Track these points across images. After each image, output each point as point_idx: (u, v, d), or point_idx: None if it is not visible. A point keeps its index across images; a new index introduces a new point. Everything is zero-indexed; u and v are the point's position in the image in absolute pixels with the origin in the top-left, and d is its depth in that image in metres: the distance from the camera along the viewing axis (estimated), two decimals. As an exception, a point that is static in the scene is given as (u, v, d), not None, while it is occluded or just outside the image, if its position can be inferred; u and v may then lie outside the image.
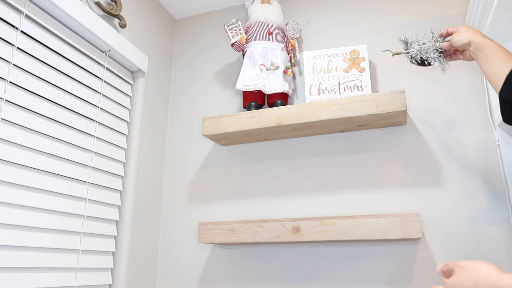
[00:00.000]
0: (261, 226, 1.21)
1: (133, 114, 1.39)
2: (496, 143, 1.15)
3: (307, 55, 1.33)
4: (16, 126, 0.97)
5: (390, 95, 1.14)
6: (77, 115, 1.16)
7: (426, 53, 0.99)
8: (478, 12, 1.10)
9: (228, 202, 1.41)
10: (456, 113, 1.22)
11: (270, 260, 1.30)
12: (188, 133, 1.55)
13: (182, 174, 1.51)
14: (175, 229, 1.45)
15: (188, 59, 1.66)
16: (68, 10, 1.08)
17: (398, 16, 1.38)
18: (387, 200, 1.22)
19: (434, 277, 1.12)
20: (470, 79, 1.24)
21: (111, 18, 1.29)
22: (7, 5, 0.96)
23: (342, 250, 1.23)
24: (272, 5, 1.42)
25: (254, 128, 1.27)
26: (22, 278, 0.94)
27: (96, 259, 1.17)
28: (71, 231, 1.09)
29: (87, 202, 1.15)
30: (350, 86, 1.26)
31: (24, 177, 0.96)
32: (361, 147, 1.30)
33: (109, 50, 1.27)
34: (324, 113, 1.20)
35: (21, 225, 0.95)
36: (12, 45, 0.97)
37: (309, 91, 1.30)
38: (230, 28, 1.38)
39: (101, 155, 1.23)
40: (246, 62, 1.36)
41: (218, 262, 1.36)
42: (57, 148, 1.07)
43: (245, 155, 1.44)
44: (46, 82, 1.06)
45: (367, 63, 1.27)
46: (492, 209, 1.12)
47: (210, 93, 1.57)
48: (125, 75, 1.38)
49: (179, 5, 1.64)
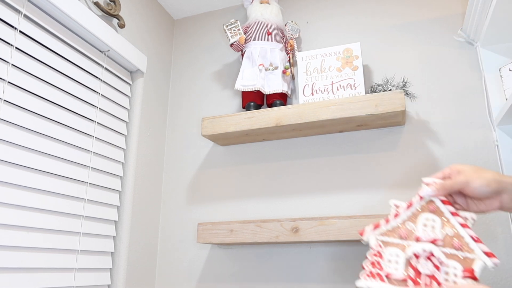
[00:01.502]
0: (260, 226, 1.21)
1: (132, 114, 1.39)
2: (495, 143, 1.15)
3: (300, 56, 1.33)
4: (15, 126, 0.97)
5: (389, 95, 1.14)
6: (76, 115, 1.15)
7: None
8: (477, 13, 1.11)
9: (227, 202, 1.41)
10: (455, 113, 1.23)
11: (269, 260, 1.30)
12: (187, 133, 1.55)
13: (181, 174, 1.51)
14: (174, 229, 1.45)
15: (187, 59, 1.66)
16: (67, 10, 1.08)
17: (397, 17, 1.38)
18: (386, 200, 1.22)
19: (433, 277, 1.12)
20: (469, 79, 1.24)
21: (110, 18, 1.29)
22: (5, 5, 0.96)
23: (341, 250, 1.23)
24: (271, 5, 1.42)
25: (253, 128, 1.27)
26: (21, 278, 0.93)
27: (95, 260, 1.17)
28: (69, 232, 1.09)
29: (86, 202, 1.15)
30: (343, 85, 1.26)
31: (22, 177, 0.96)
32: (360, 147, 1.30)
33: (108, 50, 1.27)
34: (323, 113, 1.20)
35: (20, 225, 0.95)
36: (10, 45, 0.97)
37: (302, 91, 1.30)
38: (229, 28, 1.38)
39: (100, 155, 1.23)
40: (245, 62, 1.36)
41: (217, 262, 1.36)
42: (55, 148, 1.07)
43: (244, 155, 1.44)
44: (45, 82, 1.06)
45: (360, 61, 1.26)
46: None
47: (209, 93, 1.57)
48: (124, 75, 1.38)
49: (178, 5, 1.64)
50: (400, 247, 0.67)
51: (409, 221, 0.69)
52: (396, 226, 0.69)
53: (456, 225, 0.65)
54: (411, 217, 0.69)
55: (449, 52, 1.29)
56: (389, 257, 0.67)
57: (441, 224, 0.66)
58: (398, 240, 0.68)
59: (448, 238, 0.64)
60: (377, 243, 0.69)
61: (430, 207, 0.68)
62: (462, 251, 0.63)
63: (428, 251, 0.64)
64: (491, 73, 1.18)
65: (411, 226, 0.68)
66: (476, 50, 1.25)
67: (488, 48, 1.20)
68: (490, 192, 0.64)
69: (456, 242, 0.63)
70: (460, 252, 0.63)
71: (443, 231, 0.65)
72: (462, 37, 1.26)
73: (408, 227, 0.68)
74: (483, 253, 0.61)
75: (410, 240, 0.67)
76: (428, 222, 0.67)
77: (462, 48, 1.27)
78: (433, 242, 0.65)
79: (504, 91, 1.12)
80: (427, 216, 0.67)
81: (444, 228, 0.65)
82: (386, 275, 0.65)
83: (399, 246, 0.67)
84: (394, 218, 0.70)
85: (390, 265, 0.66)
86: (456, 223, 0.65)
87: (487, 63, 1.19)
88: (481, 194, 0.65)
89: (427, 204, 0.69)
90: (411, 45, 1.34)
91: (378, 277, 0.66)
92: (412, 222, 0.68)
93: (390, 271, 0.65)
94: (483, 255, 0.61)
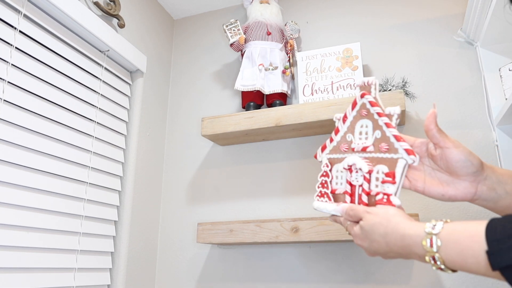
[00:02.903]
0: (260, 226, 1.21)
1: (131, 114, 1.39)
2: (494, 143, 1.15)
3: (300, 56, 1.33)
4: (15, 126, 0.96)
5: (389, 95, 1.14)
6: (75, 115, 1.15)
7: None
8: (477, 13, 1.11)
9: (227, 202, 1.41)
10: (455, 113, 1.23)
11: (269, 260, 1.30)
12: (187, 133, 1.55)
13: (180, 174, 1.51)
14: (173, 229, 1.45)
15: (187, 59, 1.66)
16: (67, 10, 1.08)
17: (397, 17, 1.38)
18: (386, 200, 1.22)
19: (432, 277, 1.12)
20: (468, 79, 1.24)
21: (109, 18, 1.29)
22: (5, 5, 0.96)
23: (340, 250, 1.23)
24: (271, 5, 1.42)
25: (253, 128, 1.27)
26: (20, 278, 0.93)
27: (95, 259, 1.17)
28: (69, 231, 1.09)
29: (86, 202, 1.15)
30: (343, 85, 1.26)
31: (22, 177, 0.96)
32: (360, 147, 1.30)
33: (107, 50, 1.27)
34: (323, 113, 1.20)
35: (19, 225, 0.95)
36: (10, 45, 0.97)
37: (302, 91, 1.30)
38: (229, 28, 1.38)
39: (100, 155, 1.23)
40: (245, 62, 1.36)
41: (217, 262, 1.36)
42: (55, 148, 1.07)
43: (244, 155, 1.44)
44: (45, 82, 1.06)
45: (360, 61, 1.26)
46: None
47: (209, 93, 1.57)
48: (123, 75, 1.38)
49: (178, 5, 1.64)
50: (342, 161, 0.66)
51: (348, 132, 0.68)
52: (340, 141, 0.68)
53: (382, 125, 0.63)
54: (349, 127, 0.68)
55: (449, 52, 1.29)
56: (335, 173, 0.68)
57: (373, 127, 0.65)
58: (341, 155, 0.67)
59: (377, 141, 0.63)
60: (325, 163, 0.69)
61: (362, 111, 0.66)
62: (389, 153, 0.62)
63: (352, 163, 0.64)
64: (491, 73, 1.18)
65: (350, 137, 0.67)
66: (475, 50, 1.25)
67: (488, 48, 1.20)
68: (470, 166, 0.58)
69: (384, 145, 0.62)
70: (387, 154, 0.62)
71: (375, 134, 0.64)
72: (462, 37, 1.27)
73: (348, 138, 0.67)
74: (404, 151, 0.60)
75: (350, 153, 0.66)
76: (362, 129, 0.66)
77: (462, 48, 1.27)
78: (363, 150, 0.64)
79: (504, 91, 1.12)
80: (362, 122, 0.66)
81: (374, 132, 0.64)
82: (331, 191, 0.67)
83: (341, 161, 0.67)
84: (335, 134, 0.69)
85: (336, 181, 0.67)
86: (382, 123, 0.63)
87: (487, 63, 1.19)
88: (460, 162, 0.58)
89: (361, 109, 0.66)
90: (411, 45, 1.34)
91: (326, 196, 0.67)
92: (351, 132, 0.67)
93: (335, 187, 0.67)
94: (404, 153, 0.60)
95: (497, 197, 0.59)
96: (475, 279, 1.09)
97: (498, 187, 0.59)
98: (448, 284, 1.11)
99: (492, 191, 0.59)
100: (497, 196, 0.59)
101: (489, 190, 0.59)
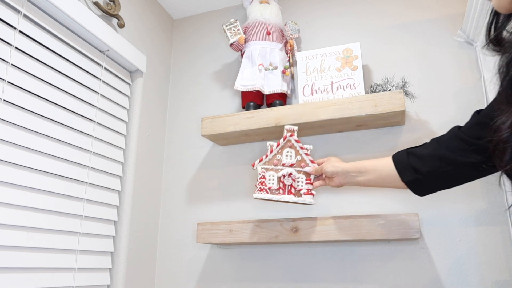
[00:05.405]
0: (260, 226, 1.21)
1: (131, 114, 1.39)
2: (494, 143, 1.15)
3: (300, 56, 1.33)
4: (14, 126, 0.96)
5: (389, 95, 1.14)
6: (75, 115, 1.15)
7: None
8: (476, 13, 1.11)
9: (226, 202, 1.41)
10: (454, 113, 1.23)
11: (268, 260, 1.30)
12: (186, 133, 1.55)
13: (180, 174, 1.51)
14: (173, 229, 1.45)
15: (186, 59, 1.66)
16: (67, 10, 1.08)
17: (396, 18, 1.38)
18: (385, 200, 1.22)
19: (432, 277, 1.13)
20: (468, 79, 1.24)
21: (109, 18, 1.29)
22: (5, 5, 0.96)
23: (340, 250, 1.23)
24: (270, 5, 1.42)
25: (253, 128, 1.27)
26: (20, 278, 0.93)
27: (95, 259, 1.17)
28: (69, 231, 1.09)
29: (85, 202, 1.15)
30: (343, 85, 1.26)
31: (22, 177, 0.96)
32: (360, 147, 1.30)
33: (107, 50, 1.27)
34: (322, 113, 1.20)
35: (19, 225, 0.95)
36: (10, 45, 0.97)
37: (302, 91, 1.30)
38: (228, 28, 1.38)
39: (100, 155, 1.23)
40: (245, 62, 1.36)
41: (217, 262, 1.36)
42: (55, 148, 1.07)
43: (243, 155, 1.44)
44: (45, 82, 1.06)
45: (360, 61, 1.26)
46: (490, 209, 1.12)
47: (209, 93, 1.57)
48: (123, 75, 1.38)
49: (177, 5, 1.64)
50: (274, 171, 1.08)
51: (278, 154, 1.09)
52: (271, 158, 1.09)
53: (302, 154, 1.09)
54: (279, 151, 1.10)
55: (448, 52, 1.29)
56: (269, 177, 1.08)
57: (295, 154, 1.09)
58: (273, 166, 1.09)
59: (298, 162, 1.08)
60: (262, 170, 1.08)
61: (288, 144, 1.10)
62: (305, 167, 1.07)
63: (288, 172, 1.07)
64: (490, 73, 1.18)
65: (280, 157, 1.09)
66: (475, 50, 1.25)
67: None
68: (330, 174, 1.02)
69: (303, 164, 1.08)
70: (306, 168, 1.07)
71: (297, 158, 1.09)
72: (461, 37, 1.27)
73: (278, 157, 1.09)
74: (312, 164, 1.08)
75: (279, 166, 1.08)
76: (288, 153, 1.09)
77: (462, 48, 1.28)
78: (291, 165, 1.08)
79: (504, 91, 1.11)
80: (288, 150, 1.09)
81: (296, 156, 1.09)
82: (268, 188, 1.07)
83: (274, 170, 1.08)
84: (270, 153, 1.09)
85: (269, 182, 1.08)
86: (302, 153, 1.09)
87: (486, 63, 1.19)
88: (328, 173, 1.02)
89: (287, 143, 1.10)
90: (410, 45, 1.34)
91: (265, 190, 1.07)
92: (280, 154, 1.09)
93: (270, 185, 1.07)
94: (312, 165, 1.08)
95: (356, 182, 0.98)
96: (474, 278, 1.09)
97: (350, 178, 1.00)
98: (448, 284, 1.11)
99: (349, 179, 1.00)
100: (355, 182, 0.98)
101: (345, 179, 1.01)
